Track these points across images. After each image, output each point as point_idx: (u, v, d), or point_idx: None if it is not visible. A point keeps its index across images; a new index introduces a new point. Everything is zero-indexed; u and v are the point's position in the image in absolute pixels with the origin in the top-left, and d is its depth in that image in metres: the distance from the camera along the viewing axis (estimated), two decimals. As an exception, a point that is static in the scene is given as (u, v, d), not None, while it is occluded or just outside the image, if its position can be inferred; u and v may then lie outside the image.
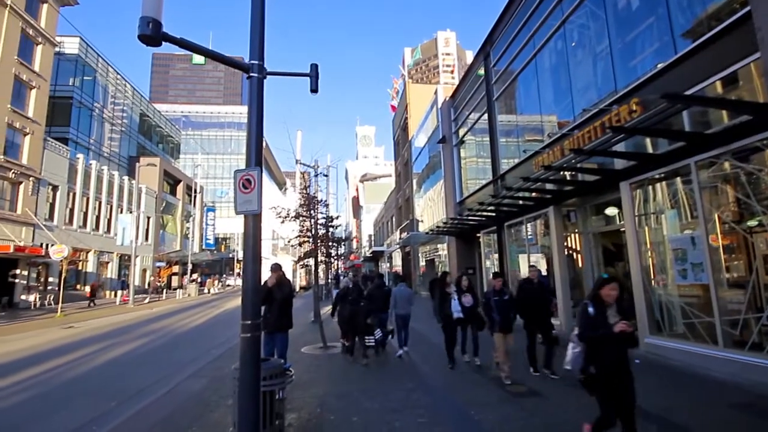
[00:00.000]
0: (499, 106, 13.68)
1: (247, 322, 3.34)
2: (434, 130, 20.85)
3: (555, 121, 10.52)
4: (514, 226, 12.78)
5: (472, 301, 6.79)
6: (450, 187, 18.31)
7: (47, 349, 9.94)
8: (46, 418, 5.08)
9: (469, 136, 16.97)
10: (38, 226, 23.69)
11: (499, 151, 13.41)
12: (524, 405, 4.83)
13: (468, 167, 17.48)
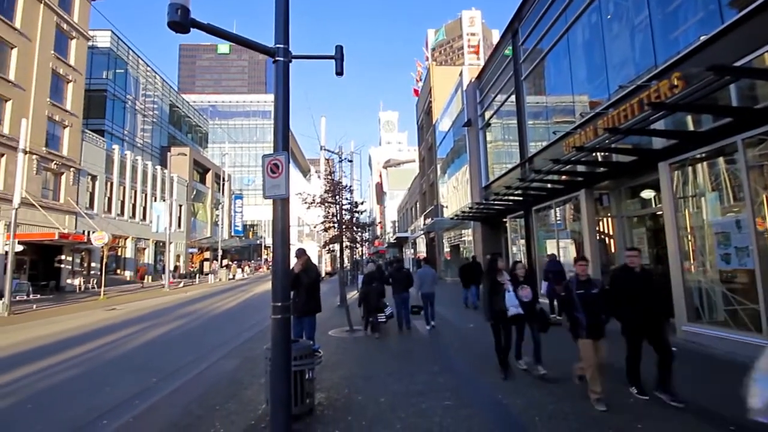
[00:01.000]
0: (527, 86, 13.20)
1: (278, 304, 3.42)
2: (459, 114, 20.41)
3: (587, 101, 10.07)
4: (542, 211, 12.45)
5: (530, 294, 5.47)
6: (475, 172, 17.98)
7: (93, 330, 10.60)
8: (95, 392, 5.43)
9: (496, 119, 16.52)
10: (80, 215, 25.02)
11: (527, 134, 13.00)
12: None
13: (494, 151, 17.08)
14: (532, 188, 10.90)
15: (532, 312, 5.47)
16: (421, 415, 4.08)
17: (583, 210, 9.67)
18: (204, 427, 3.96)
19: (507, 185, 11.31)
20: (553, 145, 10.84)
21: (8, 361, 7.31)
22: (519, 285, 5.50)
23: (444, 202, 25.05)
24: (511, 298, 5.35)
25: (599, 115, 8.52)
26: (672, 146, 6.94)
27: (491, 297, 5.52)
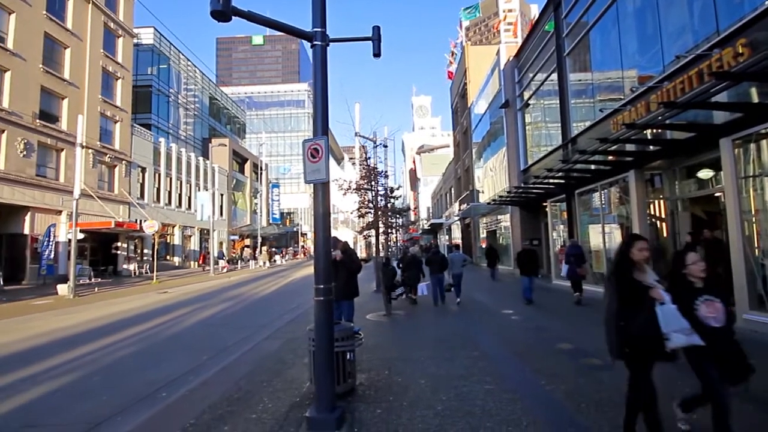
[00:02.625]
0: (570, 62, 12.50)
1: (320, 287, 3.50)
2: (496, 95, 19.73)
3: (636, 76, 9.40)
4: (585, 194, 11.89)
5: (722, 312, 2.84)
6: (513, 155, 17.40)
7: (148, 311, 11.38)
8: (153, 367, 5.85)
9: (535, 99, 15.83)
10: (132, 204, 26.72)
11: (570, 113, 12.37)
12: None
13: (533, 133, 16.42)
14: (575, 170, 10.40)
15: (723, 345, 2.82)
16: (463, 398, 4.08)
17: (632, 192, 9.13)
18: (253, 401, 4.16)
19: (548, 167, 10.86)
20: (599, 123, 10.24)
21: (77, 338, 8.01)
22: (698, 294, 2.88)
23: (480, 187, 24.52)
24: (672, 317, 2.74)
25: (652, 90, 7.93)
26: (735, 120, 6.37)
27: (628, 316, 2.90)
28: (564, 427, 3.42)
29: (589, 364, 5.13)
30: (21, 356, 6.66)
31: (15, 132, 19.17)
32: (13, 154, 19.06)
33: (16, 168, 19.14)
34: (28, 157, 19.80)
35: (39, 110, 20.54)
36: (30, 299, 14.29)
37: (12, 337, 8.05)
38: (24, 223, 19.78)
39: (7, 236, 19.58)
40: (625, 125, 7.32)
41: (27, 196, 19.50)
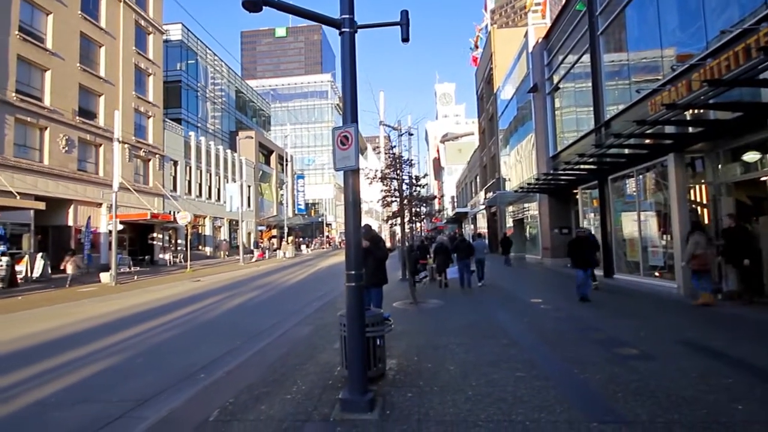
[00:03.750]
0: (604, 42, 11.94)
1: (351, 273, 3.54)
2: (523, 79, 19.14)
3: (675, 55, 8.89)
4: (619, 180, 11.44)
5: None
6: (542, 141, 16.91)
7: (184, 297, 11.89)
8: (192, 350, 6.14)
9: (566, 82, 15.25)
10: (166, 196, 27.79)
11: (604, 96, 11.85)
12: (637, 368, 4.44)
13: (563, 117, 15.87)
14: (609, 155, 10.00)
15: None
16: (494, 385, 4.07)
17: (672, 177, 8.70)
18: (287, 383, 4.31)
19: (579, 153, 10.48)
20: (635, 105, 9.77)
21: (120, 322, 8.50)
22: None
23: (506, 175, 24.02)
24: None
25: (694, 68, 7.48)
26: (789, 98, 5.93)
27: None
28: (599, 415, 3.36)
29: (624, 354, 5.00)
30: (72, 339, 7.14)
31: (57, 129, 20.22)
32: (56, 150, 20.14)
33: (59, 163, 20.23)
34: (69, 152, 20.88)
35: (78, 107, 21.55)
36: (76, 286, 15.22)
37: (63, 321, 8.62)
38: (68, 215, 20.96)
39: (53, 228, 20.83)
40: (665, 106, 6.95)
41: (70, 190, 20.62)
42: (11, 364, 5.63)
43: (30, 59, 19.00)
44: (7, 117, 17.74)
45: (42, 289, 14.54)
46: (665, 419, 3.26)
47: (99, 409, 4.01)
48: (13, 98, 17.95)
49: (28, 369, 5.36)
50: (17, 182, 17.46)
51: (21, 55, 18.48)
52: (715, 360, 4.75)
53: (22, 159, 18.45)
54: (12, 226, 17.59)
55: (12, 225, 17.57)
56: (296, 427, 3.31)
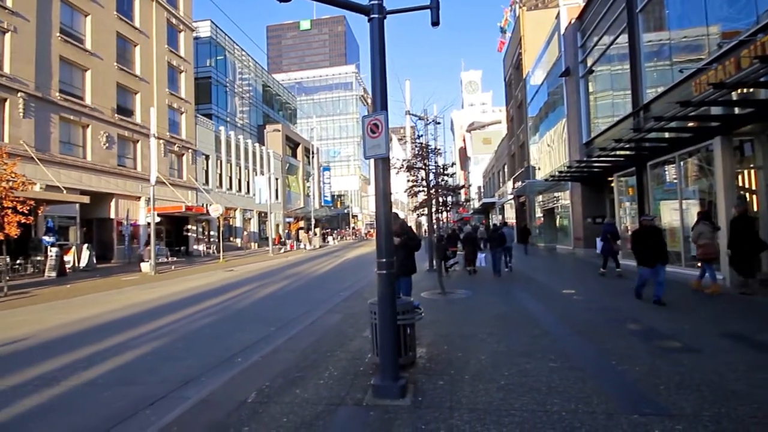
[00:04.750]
0: (643, 20, 11.28)
1: (383, 260, 3.55)
2: (555, 63, 18.43)
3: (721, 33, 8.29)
4: (659, 166, 10.87)
5: None
6: (574, 127, 16.28)
7: (218, 286, 12.34)
8: (228, 336, 6.38)
9: (601, 65, 14.56)
10: (199, 190, 28.79)
11: (643, 78, 11.24)
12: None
13: (597, 102, 15.19)
14: (649, 140, 9.51)
15: None
16: (526, 374, 4.01)
17: (718, 161, 8.17)
18: (320, 368, 4.40)
19: (616, 138, 10.01)
20: (677, 86, 9.20)
21: (161, 309, 8.93)
22: None
23: (536, 164, 23.34)
24: None
25: (743, 44, 6.94)
26: None
27: None
28: (640, 407, 3.24)
29: (665, 346, 4.80)
30: (116, 324, 7.57)
31: (98, 126, 21.26)
32: (98, 147, 21.21)
33: (101, 159, 21.30)
34: (110, 148, 21.94)
35: (116, 105, 22.55)
36: (119, 275, 16.10)
37: (108, 308, 9.15)
38: (110, 208, 22.12)
39: (96, 220, 22.05)
40: (711, 85, 6.50)
41: (111, 184, 21.71)
42: (64, 347, 6.04)
43: (71, 60, 19.98)
44: (53, 116, 18.79)
45: (88, 278, 15.47)
46: (712, 412, 3.12)
47: (144, 390, 4.24)
48: (58, 98, 18.98)
49: (78, 352, 5.73)
50: (63, 177, 18.53)
51: (63, 56, 19.46)
52: (763, 353, 4.49)
53: (68, 155, 19.54)
54: (60, 219, 18.75)
55: (60, 218, 18.73)
56: (330, 410, 3.38)
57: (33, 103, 17.74)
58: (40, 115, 18.09)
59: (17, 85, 17.06)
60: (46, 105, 18.37)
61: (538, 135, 22.89)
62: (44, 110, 18.32)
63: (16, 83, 17.05)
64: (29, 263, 16.56)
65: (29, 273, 16.30)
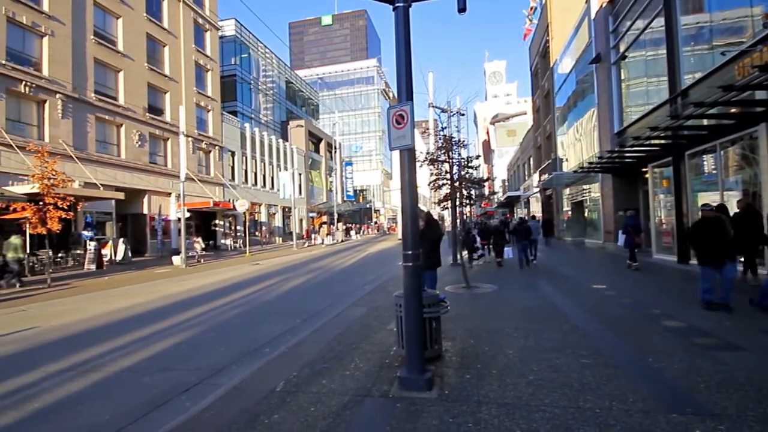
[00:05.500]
0: (680, 2, 10.69)
1: (408, 253, 3.53)
2: (585, 49, 17.76)
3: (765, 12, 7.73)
4: (697, 156, 10.32)
5: None
6: (605, 116, 15.67)
7: (245, 279, 12.66)
8: (255, 327, 6.54)
9: (634, 50, 13.91)
10: (226, 185, 29.52)
11: (680, 62, 10.67)
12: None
13: (630, 90, 14.55)
14: (687, 127, 9.03)
15: None
16: (556, 370, 3.91)
17: (763, 150, 7.68)
18: (346, 360, 4.44)
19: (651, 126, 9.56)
20: (718, 70, 8.67)
21: (192, 300, 9.24)
22: None
23: (563, 155, 22.66)
24: None
25: (795, 23, 6.46)
26: None
27: None
28: (679, 406, 3.11)
29: (704, 344, 4.57)
30: (152, 314, 7.89)
31: (131, 125, 22.08)
32: (131, 145, 22.05)
33: (134, 156, 22.15)
34: (142, 146, 22.77)
35: (147, 104, 23.34)
36: (152, 268, 16.76)
37: (144, 299, 9.55)
38: (143, 204, 23.00)
39: (131, 216, 22.99)
40: (756, 68, 6.09)
41: (144, 181, 22.56)
42: (104, 335, 6.34)
43: (105, 61, 20.79)
44: (89, 116, 19.65)
45: (124, 271, 16.19)
46: (757, 412, 2.96)
47: (179, 376, 4.40)
48: (93, 98, 19.82)
49: (118, 340, 6.01)
50: (100, 175, 19.39)
51: (97, 58, 20.27)
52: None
53: (103, 154, 20.42)
54: (97, 214, 19.66)
55: (97, 213, 19.64)
56: (357, 401, 3.41)
57: (70, 104, 18.60)
58: (77, 115, 18.95)
59: (55, 86, 17.91)
60: (82, 105, 19.22)
61: (566, 125, 22.17)
62: (81, 110, 19.18)
63: (55, 85, 17.90)
64: (70, 256, 17.47)
65: (70, 266, 17.20)
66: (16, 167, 15.69)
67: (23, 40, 17.06)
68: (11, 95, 16.40)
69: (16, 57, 16.58)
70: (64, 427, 3.40)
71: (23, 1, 16.79)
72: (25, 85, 16.64)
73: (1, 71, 15.71)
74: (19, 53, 16.80)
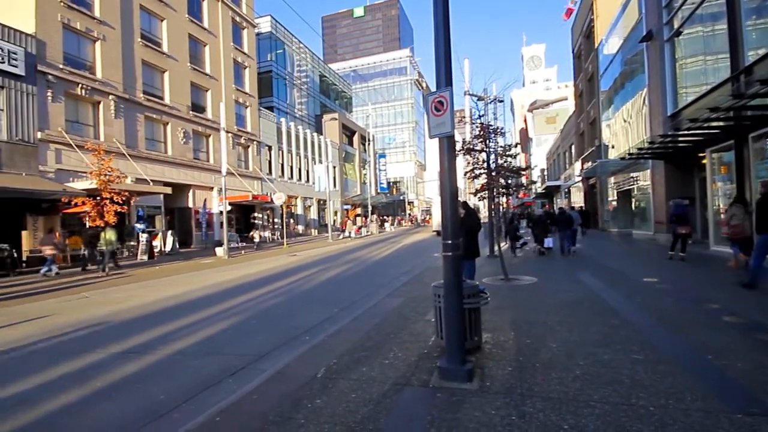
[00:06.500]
0: (744, -31, 9.71)
1: (448, 242, 3.46)
2: (634, 27, 16.63)
3: None
4: (762, 138, 9.42)
5: None
6: (657, 98, 14.63)
7: (284, 270, 13.03)
8: (295, 316, 6.72)
9: (690, 26, 12.84)
10: (264, 179, 30.44)
11: (744, 37, 9.73)
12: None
13: (685, 69, 13.47)
14: (752, 107, 8.24)
15: None
16: (605, 366, 3.72)
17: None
18: (384, 349, 4.47)
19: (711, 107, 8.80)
20: (790, 42, 7.83)
21: (235, 289, 9.64)
22: None
23: (608, 141, 21.46)
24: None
25: None
26: None
27: None
28: (744, 406, 2.87)
29: None
30: (199, 301, 8.30)
31: (176, 123, 23.20)
32: (177, 142, 23.18)
33: (179, 153, 23.29)
34: (186, 143, 23.89)
35: (191, 103, 24.40)
36: (197, 259, 17.64)
37: (191, 287, 10.07)
38: (188, 198, 24.21)
39: (178, 209, 24.27)
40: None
41: (188, 176, 23.70)
42: (157, 320, 6.75)
43: (151, 63, 21.89)
44: (138, 115, 20.83)
45: (172, 261, 17.15)
46: (840, 419, 2.67)
47: (225, 360, 4.61)
48: (142, 98, 20.96)
49: (169, 325, 6.38)
50: (149, 171, 20.56)
51: (144, 60, 21.38)
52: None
53: (152, 151, 21.62)
54: (148, 208, 20.90)
55: (148, 207, 20.88)
56: (396, 389, 3.42)
57: (122, 104, 19.78)
58: (128, 114, 20.14)
59: (108, 88, 19.09)
60: (132, 105, 20.39)
61: (611, 110, 20.95)
62: (131, 110, 20.35)
63: (108, 87, 19.09)
64: (124, 248, 18.73)
65: (125, 256, 18.45)
66: (75, 165, 16.94)
67: (78, 45, 18.28)
68: (69, 98, 17.66)
69: (72, 61, 17.80)
70: (124, 404, 3.65)
71: (77, 8, 17.95)
72: (81, 87, 17.86)
73: (60, 75, 16.94)
74: (75, 57, 18.03)
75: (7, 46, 14.96)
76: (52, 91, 16.64)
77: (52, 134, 16.49)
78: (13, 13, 16.04)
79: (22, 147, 15.44)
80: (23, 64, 15.43)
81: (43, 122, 16.30)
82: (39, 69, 16.11)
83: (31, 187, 14.20)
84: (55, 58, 16.85)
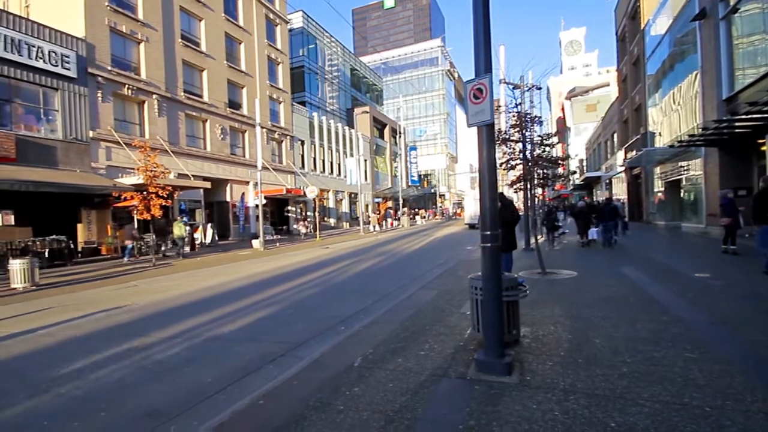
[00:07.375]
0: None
1: (487, 233, 3.39)
2: (685, 5, 15.50)
3: None
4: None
5: None
6: (711, 81, 13.60)
7: (318, 262, 13.28)
8: (330, 306, 6.85)
9: (747, 3, 11.80)
10: (297, 173, 31.06)
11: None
12: None
13: (742, 49, 12.41)
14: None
15: None
16: (654, 363, 3.54)
17: None
18: (420, 340, 4.46)
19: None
20: None
21: (271, 280, 9.94)
22: None
23: (655, 129, 20.22)
24: None
25: None
26: None
27: None
28: (818, 413, 2.64)
29: None
30: (239, 291, 8.63)
31: (214, 120, 24.05)
32: (215, 139, 24.05)
33: (217, 149, 24.16)
34: (224, 139, 24.74)
35: (228, 100, 25.19)
36: (235, 251, 18.32)
37: (231, 278, 10.48)
38: (226, 192, 25.11)
39: (216, 203, 25.25)
40: None
41: (226, 171, 24.57)
42: (200, 308, 7.08)
43: (191, 62, 22.75)
44: (179, 113, 21.75)
45: (212, 252, 17.91)
46: None
47: (265, 348, 4.77)
48: (183, 97, 21.86)
49: (212, 312, 6.67)
50: (190, 167, 21.48)
51: (185, 60, 22.24)
52: None
53: (192, 147, 22.55)
54: (189, 202, 21.89)
55: (189, 201, 21.87)
56: (433, 380, 3.41)
57: (165, 103, 20.72)
58: (170, 113, 21.08)
59: (152, 88, 20.04)
60: (174, 104, 21.32)
61: (659, 94, 19.68)
62: (173, 109, 21.29)
63: (151, 87, 20.03)
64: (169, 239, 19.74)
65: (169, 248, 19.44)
66: (123, 161, 17.97)
67: (124, 47, 19.26)
68: (117, 98, 18.70)
69: (119, 63, 18.80)
70: (174, 386, 3.86)
71: (122, 11, 18.88)
72: (127, 88, 18.85)
73: (108, 77, 17.95)
74: (121, 59, 19.02)
75: (61, 50, 16.00)
76: (102, 92, 17.67)
77: (102, 133, 17.55)
78: (64, 19, 17.11)
79: (76, 145, 16.54)
80: (75, 66, 16.46)
81: (94, 121, 17.36)
82: (89, 71, 17.13)
83: (85, 183, 15.22)
84: (104, 60, 17.86)
